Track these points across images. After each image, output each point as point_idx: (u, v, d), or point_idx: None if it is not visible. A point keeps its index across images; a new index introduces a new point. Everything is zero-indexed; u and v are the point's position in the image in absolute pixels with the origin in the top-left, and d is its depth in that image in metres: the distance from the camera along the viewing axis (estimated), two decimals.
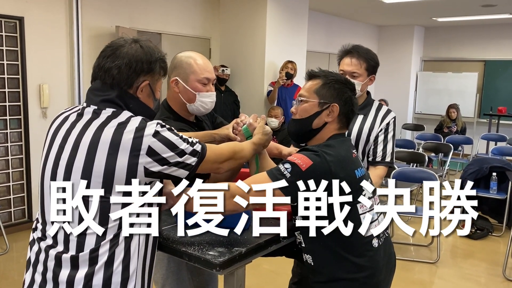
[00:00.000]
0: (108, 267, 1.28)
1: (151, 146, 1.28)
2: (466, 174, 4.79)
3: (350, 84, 1.66)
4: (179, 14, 5.79)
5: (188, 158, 1.36)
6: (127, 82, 1.35)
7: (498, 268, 3.82)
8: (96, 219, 1.28)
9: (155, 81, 1.43)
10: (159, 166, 1.30)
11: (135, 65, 1.34)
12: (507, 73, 8.69)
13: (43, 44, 4.43)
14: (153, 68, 1.38)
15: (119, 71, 1.33)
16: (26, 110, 4.35)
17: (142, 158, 1.27)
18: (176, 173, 1.36)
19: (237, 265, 1.45)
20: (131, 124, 1.29)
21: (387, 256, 1.64)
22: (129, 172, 1.27)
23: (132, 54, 1.34)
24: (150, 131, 1.29)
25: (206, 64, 1.89)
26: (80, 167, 1.28)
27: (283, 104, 5.71)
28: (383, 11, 7.62)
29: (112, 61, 1.33)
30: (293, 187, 1.45)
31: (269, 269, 3.68)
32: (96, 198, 1.27)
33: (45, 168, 1.35)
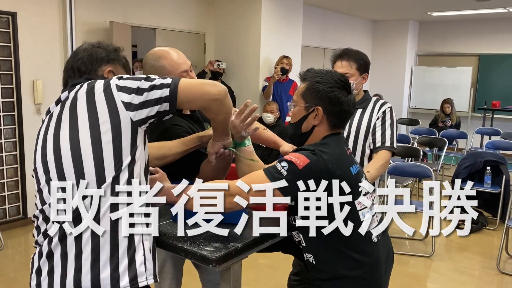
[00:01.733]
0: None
1: (118, 84, 1.34)
2: (461, 168, 4.82)
3: (341, 82, 1.59)
4: (173, 9, 5.76)
5: (160, 80, 1.36)
6: (92, 69, 1.46)
7: (492, 261, 3.85)
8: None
9: (119, 72, 1.51)
10: (137, 96, 1.32)
11: (95, 55, 1.47)
12: (501, 67, 8.72)
13: (36, 39, 4.40)
14: (111, 57, 1.50)
15: (82, 62, 1.46)
16: (19, 106, 4.32)
17: (116, 95, 1.32)
18: (157, 94, 1.33)
19: (233, 260, 1.45)
20: (99, 81, 1.37)
21: (386, 250, 1.66)
22: (110, 112, 1.30)
23: (91, 48, 1.49)
24: (114, 78, 1.37)
25: (177, 58, 1.81)
26: (67, 133, 1.33)
27: (278, 100, 5.71)
28: (378, 6, 7.62)
29: (73, 57, 1.48)
30: (290, 186, 1.45)
31: (265, 264, 3.69)
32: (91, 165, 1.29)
33: (37, 156, 1.37)
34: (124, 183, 1.31)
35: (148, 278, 1.33)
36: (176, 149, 1.75)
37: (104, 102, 1.31)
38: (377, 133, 2.36)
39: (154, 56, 1.81)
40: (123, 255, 1.29)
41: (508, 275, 3.66)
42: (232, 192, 1.45)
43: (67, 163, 1.30)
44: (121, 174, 1.30)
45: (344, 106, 1.58)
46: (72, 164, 1.29)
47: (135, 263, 1.30)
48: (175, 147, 1.75)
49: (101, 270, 1.26)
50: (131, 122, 1.31)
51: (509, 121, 8.48)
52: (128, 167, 1.31)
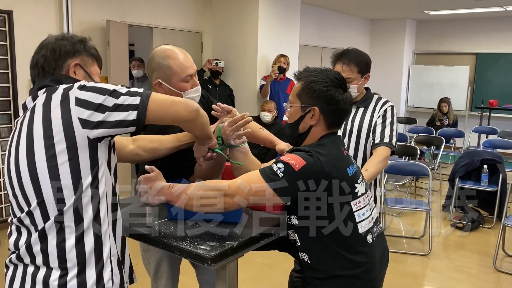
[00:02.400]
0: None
1: (78, 97, 1.22)
2: (458, 167, 4.83)
3: (336, 80, 1.58)
4: (170, 8, 5.75)
5: (127, 98, 1.24)
6: (57, 66, 1.34)
7: (489, 259, 3.86)
8: None
9: (87, 64, 1.40)
10: (99, 114, 1.20)
11: (58, 50, 1.35)
12: (498, 66, 8.74)
13: (32, 38, 4.35)
14: (77, 48, 1.38)
15: (45, 59, 1.34)
16: (16, 105, 4.30)
17: (73, 109, 1.21)
18: (121, 116, 1.22)
19: (229, 259, 1.45)
20: (59, 89, 1.26)
21: (381, 250, 1.66)
22: (66, 130, 1.20)
23: (54, 42, 1.37)
24: (75, 87, 1.25)
25: (185, 60, 1.80)
26: (24, 144, 1.26)
27: (275, 98, 5.71)
28: (375, 5, 7.62)
29: (37, 53, 1.37)
30: (287, 187, 1.45)
31: (262, 263, 3.69)
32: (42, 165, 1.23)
33: (5, 169, 1.34)
34: (87, 203, 1.25)
35: None
36: (168, 143, 1.72)
37: (60, 117, 1.21)
38: (377, 130, 2.36)
39: (163, 54, 1.80)
40: (91, 271, 1.27)
41: (504, 273, 3.67)
42: (228, 193, 1.45)
43: (27, 185, 1.25)
44: (83, 194, 1.24)
45: (340, 105, 1.56)
46: (31, 185, 1.24)
47: (103, 280, 1.29)
48: (167, 141, 1.72)
49: (67, 282, 1.25)
50: (88, 140, 1.22)
51: (506, 119, 8.50)
52: (91, 187, 1.25)
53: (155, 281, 2.09)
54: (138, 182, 1.53)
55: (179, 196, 1.48)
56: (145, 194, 1.50)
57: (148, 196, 1.50)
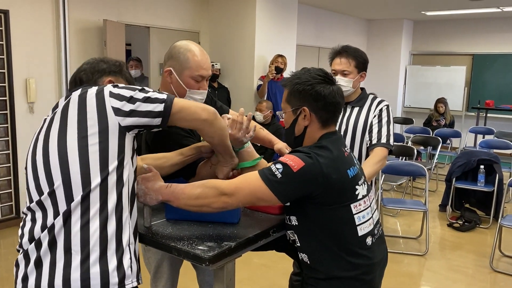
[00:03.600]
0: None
1: (111, 91, 1.35)
2: (455, 167, 4.84)
3: (320, 76, 1.57)
4: (167, 7, 5.74)
5: (154, 93, 1.37)
6: (93, 79, 1.51)
7: (486, 259, 3.87)
8: None
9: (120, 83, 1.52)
10: (129, 104, 1.32)
11: (97, 66, 1.53)
12: (495, 66, 8.77)
13: (29, 37, 4.37)
14: (113, 69, 1.55)
15: (85, 73, 1.52)
16: (12, 105, 4.29)
17: (107, 100, 1.32)
18: (150, 107, 1.34)
19: (226, 259, 1.44)
20: (93, 87, 1.38)
21: (381, 252, 1.65)
22: (99, 116, 1.30)
23: (94, 62, 1.57)
24: (109, 85, 1.39)
25: (203, 60, 1.81)
26: (56, 134, 1.33)
27: (273, 98, 5.71)
28: (373, 5, 7.63)
29: (77, 71, 1.55)
30: (284, 189, 1.44)
31: (259, 263, 3.69)
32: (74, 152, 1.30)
33: (28, 158, 1.38)
34: (112, 186, 1.30)
35: (133, 281, 1.34)
36: (173, 160, 1.72)
37: (95, 106, 1.32)
38: (373, 130, 2.35)
39: (186, 46, 1.82)
40: (112, 257, 1.28)
41: (501, 273, 3.69)
42: (226, 192, 1.45)
43: (54, 163, 1.29)
44: (109, 177, 1.29)
45: (328, 99, 1.55)
46: (59, 163, 1.28)
47: (123, 265, 1.30)
48: (172, 158, 1.72)
49: (90, 266, 1.25)
50: (119, 126, 1.31)
51: (502, 120, 8.53)
52: (116, 171, 1.31)
53: (155, 281, 2.09)
54: (136, 182, 1.52)
55: (176, 196, 1.48)
56: (142, 194, 1.50)
57: (146, 196, 1.50)
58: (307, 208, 1.51)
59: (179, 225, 1.59)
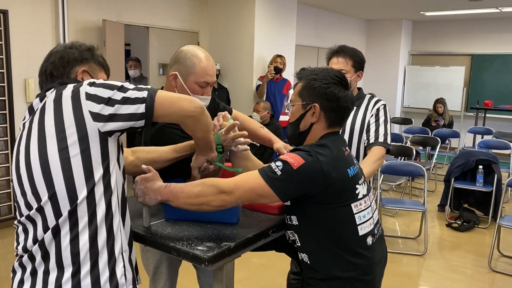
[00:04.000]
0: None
1: (88, 92, 1.26)
2: (453, 167, 4.85)
3: (337, 78, 1.58)
4: (166, 7, 5.74)
5: (135, 92, 1.27)
6: (65, 72, 1.40)
7: (484, 259, 3.88)
8: None
9: (94, 71, 1.44)
10: (108, 107, 1.24)
11: (67, 57, 1.40)
12: (493, 67, 8.78)
13: (28, 37, 4.37)
14: (85, 56, 1.43)
15: (54, 66, 1.40)
16: (11, 104, 4.28)
17: (84, 104, 1.24)
18: (130, 110, 1.25)
19: (226, 259, 1.44)
20: (68, 87, 1.29)
21: (381, 252, 1.66)
22: (77, 123, 1.23)
23: (63, 50, 1.42)
24: (85, 84, 1.29)
25: (209, 67, 1.81)
26: (36, 144, 1.27)
27: (272, 98, 5.71)
28: (372, 5, 7.64)
29: (46, 61, 1.42)
30: (284, 186, 1.44)
31: (258, 263, 3.69)
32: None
33: (13, 167, 1.34)
34: (100, 196, 1.25)
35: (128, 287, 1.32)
36: (166, 155, 1.72)
37: (71, 111, 1.24)
38: (370, 130, 2.36)
39: (193, 51, 1.81)
40: (104, 268, 1.26)
41: (499, 273, 3.69)
42: (225, 190, 1.45)
43: (38, 178, 1.25)
44: (95, 188, 1.24)
45: (341, 102, 1.56)
46: (43, 179, 1.24)
47: (116, 275, 1.28)
48: (165, 153, 1.72)
49: (81, 279, 1.23)
50: (99, 133, 1.24)
51: (501, 120, 8.54)
52: (103, 180, 1.26)
53: (153, 282, 2.08)
54: (134, 182, 1.52)
55: (175, 195, 1.47)
56: (141, 195, 1.50)
57: (145, 196, 1.50)
58: (308, 208, 1.51)
59: (178, 225, 1.59)
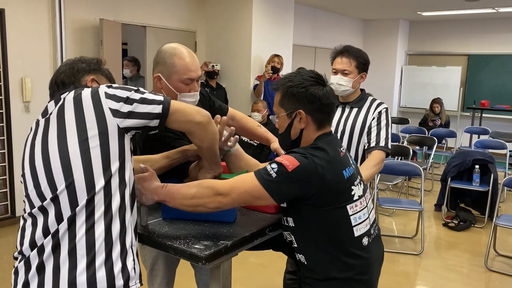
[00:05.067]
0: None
1: (107, 92, 1.34)
2: (450, 167, 4.86)
3: (313, 78, 1.58)
4: (164, 7, 5.73)
5: (151, 95, 1.37)
6: (75, 80, 1.50)
7: (481, 258, 3.90)
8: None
9: (102, 81, 1.53)
10: (126, 105, 1.32)
11: (76, 66, 1.53)
12: (490, 67, 8.81)
13: (25, 36, 4.36)
14: (92, 67, 1.55)
15: (65, 75, 1.51)
16: (8, 104, 4.27)
17: (104, 101, 1.32)
18: (148, 108, 1.34)
19: (223, 258, 1.45)
20: (86, 89, 1.37)
21: (378, 252, 1.66)
22: (98, 118, 1.29)
23: (72, 62, 1.56)
24: (102, 86, 1.37)
25: (191, 63, 1.80)
26: (55, 140, 1.31)
27: (269, 98, 5.71)
28: (369, 5, 7.65)
29: (56, 74, 1.53)
30: (279, 188, 1.45)
31: (255, 262, 3.69)
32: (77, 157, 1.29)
33: (25, 162, 1.35)
34: (115, 188, 1.29)
35: (136, 282, 1.34)
36: (159, 163, 1.72)
37: (92, 108, 1.31)
38: (372, 133, 2.35)
39: (171, 50, 1.80)
40: (117, 259, 1.28)
41: (495, 272, 3.71)
42: (221, 192, 1.45)
43: (56, 168, 1.27)
44: (112, 179, 1.29)
45: (323, 100, 1.56)
46: (61, 168, 1.27)
47: (127, 267, 1.30)
48: (158, 161, 1.72)
49: (97, 270, 1.24)
50: (118, 128, 1.31)
51: (497, 120, 8.57)
52: (119, 173, 1.30)
53: (151, 279, 2.09)
54: None
55: (172, 196, 1.48)
56: (139, 194, 1.50)
57: (142, 196, 1.50)
58: (303, 210, 1.51)
59: (176, 224, 1.59)
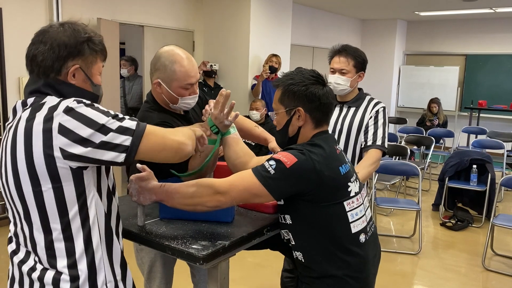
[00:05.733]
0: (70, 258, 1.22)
1: (61, 123, 1.13)
2: (447, 166, 4.87)
3: (313, 77, 1.60)
4: (162, 6, 5.72)
5: (116, 136, 1.16)
6: (54, 69, 1.22)
7: (478, 258, 3.90)
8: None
9: (89, 64, 1.27)
10: (81, 147, 1.13)
11: (57, 49, 1.21)
12: (487, 67, 8.83)
13: (22, 35, 4.34)
14: (80, 50, 1.24)
15: (43, 58, 1.22)
16: (5, 103, 4.26)
17: (55, 139, 1.12)
18: (107, 156, 1.16)
19: (220, 258, 1.45)
20: (44, 107, 1.17)
21: (375, 249, 1.67)
22: (46, 155, 1.13)
23: (55, 38, 1.22)
24: (61, 108, 1.15)
25: (190, 68, 1.80)
26: (10, 166, 1.20)
27: (267, 98, 5.71)
28: (366, 5, 7.66)
29: (35, 48, 1.24)
30: (277, 184, 1.45)
31: (253, 262, 3.69)
32: (30, 195, 1.18)
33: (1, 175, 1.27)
34: (76, 232, 1.20)
35: None
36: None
37: (41, 144, 1.13)
38: (369, 132, 2.36)
39: (171, 57, 1.80)
40: None
41: (493, 272, 3.72)
42: (220, 190, 1.45)
43: (16, 201, 1.21)
44: (72, 224, 1.19)
45: (323, 100, 1.58)
46: (20, 203, 1.21)
47: None
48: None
49: None
50: (71, 169, 1.16)
51: (495, 120, 8.59)
52: (79, 216, 1.20)
53: (149, 281, 2.08)
54: (129, 181, 1.52)
55: (170, 195, 1.48)
56: (136, 194, 1.50)
57: (139, 195, 1.49)
58: (301, 206, 1.52)
59: (173, 224, 1.59)
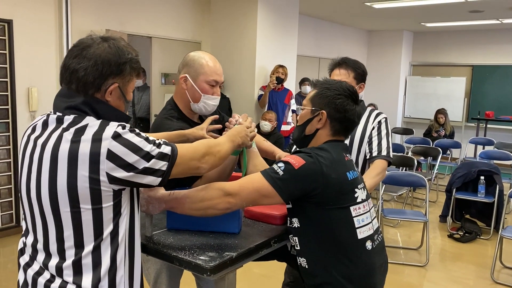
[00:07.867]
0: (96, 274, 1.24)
1: (110, 149, 1.17)
2: (455, 177, 4.84)
3: (349, 91, 1.65)
4: (169, 18, 5.78)
5: (157, 162, 1.23)
6: (94, 86, 1.23)
7: (486, 270, 3.86)
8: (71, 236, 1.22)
9: (126, 83, 1.30)
10: (124, 172, 1.18)
11: (101, 67, 1.22)
12: (494, 77, 8.81)
13: (32, 47, 4.40)
14: (122, 69, 1.26)
15: (85, 74, 1.22)
16: (14, 113, 4.30)
17: (102, 164, 1.16)
18: (146, 180, 1.23)
19: (228, 269, 1.44)
20: (88, 131, 1.19)
21: (381, 258, 1.66)
22: (92, 186, 1.17)
23: (99, 55, 1.23)
24: (109, 134, 1.18)
25: (217, 67, 1.94)
26: (46, 184, 1.21)
27: (274, 108, 5.73)
28: (373, 16, 7.69)
29: (78, 62, 1.22)
30: (286, 185, 1.48)
31: (259, 273, 3.67)
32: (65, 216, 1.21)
33: (22, 186, 1.28)
34: (106, 248, 1.24)
35: None
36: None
37: (87, 168, 1.16)
38: (373, 143, 2.36)
39: (200, 54, 1.95)
40: None
41: (502, 284, 3.67)
42: (230, 192, 1.47)
43: (48, 213, 1.22)
44: (102, 243, 1.23)
45: (348, 114, 1.63)
46: (52, 217, 1.21)
47: None
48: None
49: None
50: (113, 192, 1.21)
51: (502, 131, 8.54)
52: (110, 234, 1.24)
53: None
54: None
55: (180, 201, 1.49)
56: (145, 204, 1.50)
57: (149, 205, 1.50)
58: (309, 209, 1.53)
59: (181, 235, 1.59)
